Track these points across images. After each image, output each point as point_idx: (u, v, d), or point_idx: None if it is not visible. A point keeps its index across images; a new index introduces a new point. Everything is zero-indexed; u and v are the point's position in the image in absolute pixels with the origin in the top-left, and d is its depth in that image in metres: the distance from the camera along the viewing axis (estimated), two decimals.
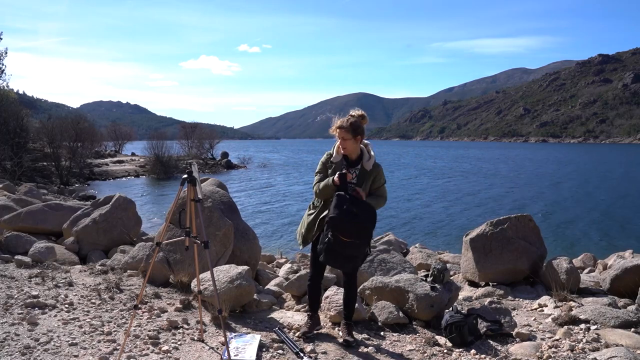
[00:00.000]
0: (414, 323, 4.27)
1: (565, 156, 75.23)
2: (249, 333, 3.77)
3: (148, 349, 3.34)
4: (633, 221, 17.81)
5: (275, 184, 32.24)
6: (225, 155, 48.71)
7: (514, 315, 4.43)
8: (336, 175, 3.40)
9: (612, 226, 16.96)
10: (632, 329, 4.07)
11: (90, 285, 4.64)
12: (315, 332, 3.81)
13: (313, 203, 3.72)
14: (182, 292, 4.71)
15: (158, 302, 4.37)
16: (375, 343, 3.76)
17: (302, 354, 3.39)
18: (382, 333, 4.00)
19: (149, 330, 3.64)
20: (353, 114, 3.51)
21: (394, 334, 3.99)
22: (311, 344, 3.62)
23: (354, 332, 3.85)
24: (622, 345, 3.60)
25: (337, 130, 3.47)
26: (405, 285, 4.40)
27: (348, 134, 3.44)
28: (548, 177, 37.22)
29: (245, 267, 4.51)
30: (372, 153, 3.58)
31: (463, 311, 4.12)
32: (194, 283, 4.41)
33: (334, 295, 4.27)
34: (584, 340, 3.83)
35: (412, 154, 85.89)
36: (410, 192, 27.50)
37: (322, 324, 4.08)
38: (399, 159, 67.08)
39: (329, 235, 3.30)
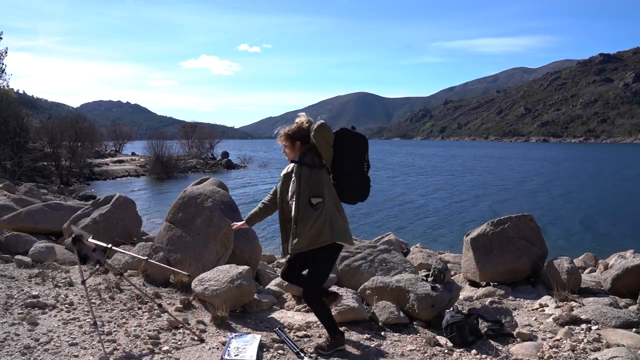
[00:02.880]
0: (414, 323, 4.26)
1: (566, 156, 75.21)
2: (249, 333, 3.76)
3: (148, 349, 3.33)
4: (634, 221, 17.79)
5: (275, 183, 32.21)
6: (225, 154, 48.73)
7: (514, 315, 4.42)
8: None
9: (613, 226, 16.94)
10: (634, 329, 4.06)
11: (90, 285, 4.64)
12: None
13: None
14: (182, 292, 4.70)
15: (158, 302, 4.36)
16: (376, 343, 3.75)
17: (302, 354, 3.38)
18: (382, 333, 4.00)
19: (149, 330, 3.63)
20: (297, 121, 3.42)
21: (395, 334, 3.99)
22: (312, 344, 3.61)
23: (353, 332, 3.84)
24: (624, 346, 3.59)
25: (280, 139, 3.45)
26: (406, 285, 4.40)
27: (286, 141, 3.40)
28: (549, 177, 37.20)
29: (246, 267, 4.51)
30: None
31: (464, 311, 4.11)
32: (194, 283, 4.41)
33: None
34: (585, 341, 3.82)
35: (413, 154, 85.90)
36: (410, 192, 27.49)
37: None
38: (397, 159, 67.03)
39: None
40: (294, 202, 3.35)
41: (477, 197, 25.02)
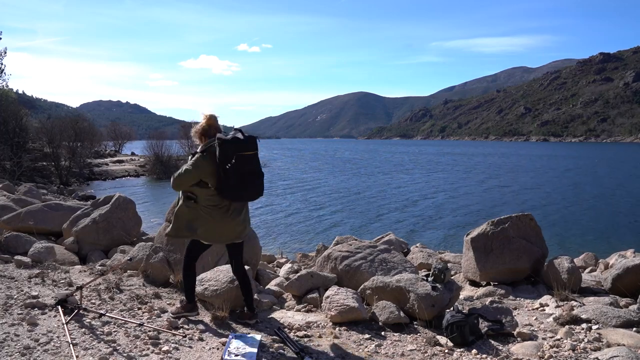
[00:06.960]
0: (415, 323, 4.26)
1: (566, 155, 75.20)
2: (249, 333, 3.75)
3: (148, 349, 3.32)
4: (635, 220, 17.80)
5: (275, 183, 32.24)
6: None
7: (515, 315, 4.41)
8: None
9: (614, 225, 16.95)
10: (634, 329, 4.05)
11: (90, 286, 4.63)
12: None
13: None
14: (182, 292, 4.69)
15: (158, 302, 4.36)
16: (376, 343, 3.75)
17: (302, 354, 3.38)
18: (383, 333, 3.99)
19: (149, 330, 3.63)
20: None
21: (395, 334, 3.98)
22: (312, 344, 3.61)
23: (353, 332, 3.83)
24: (624, 345, 3.59)
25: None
26: (406, 285, 4.39)
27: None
28: (549, 176, 37.21)
29: (246, 267, 4.49)
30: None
31: (464, 311, 4.11)
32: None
33: (334, 295, 4.26)
34: (586, 340, 3.81)
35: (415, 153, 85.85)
36: (411, 191, 27.49)
37: (322, 323, 4.08)
38: (397, 158, 66.98)
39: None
40: None
41: (477, 196, 25.03)
